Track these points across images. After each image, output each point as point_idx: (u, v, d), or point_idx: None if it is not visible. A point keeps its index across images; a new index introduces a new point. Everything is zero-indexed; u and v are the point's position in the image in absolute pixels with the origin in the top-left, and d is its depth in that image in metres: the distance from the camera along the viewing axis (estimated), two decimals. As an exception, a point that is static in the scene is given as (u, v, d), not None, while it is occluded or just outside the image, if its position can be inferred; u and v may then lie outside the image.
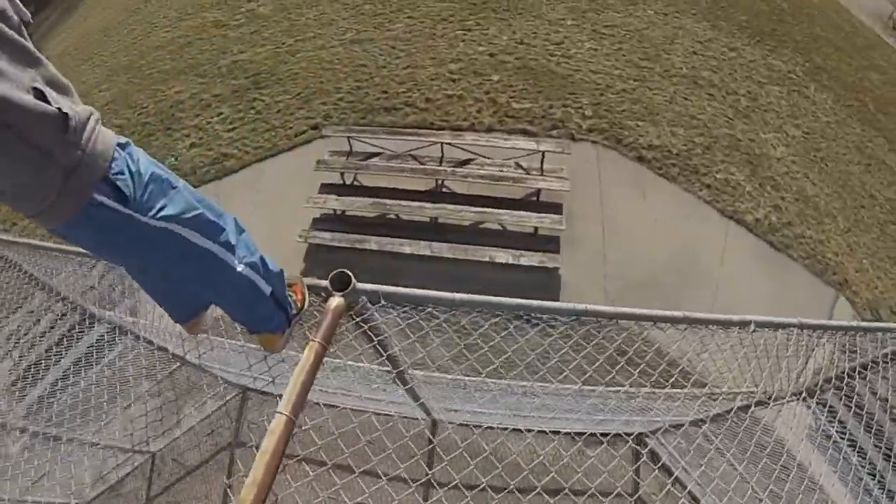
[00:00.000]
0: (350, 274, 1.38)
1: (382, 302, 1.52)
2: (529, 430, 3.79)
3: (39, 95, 0.95)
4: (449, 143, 5.25)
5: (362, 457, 2.04)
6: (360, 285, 1.42)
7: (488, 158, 5.29)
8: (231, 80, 6.96)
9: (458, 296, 1.50)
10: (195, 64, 7.55)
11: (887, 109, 8.36)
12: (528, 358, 2.54)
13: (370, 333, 1.80)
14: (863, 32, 10.00)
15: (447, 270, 5.09)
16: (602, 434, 3.60)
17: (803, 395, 2.35)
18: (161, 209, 1.12)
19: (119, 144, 1.09)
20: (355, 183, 5.50)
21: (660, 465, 3.57)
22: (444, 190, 5.36)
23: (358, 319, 1.67)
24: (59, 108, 0.96)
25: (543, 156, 5.21)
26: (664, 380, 2.55)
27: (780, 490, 2.24)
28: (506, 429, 3.73)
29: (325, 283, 1.43)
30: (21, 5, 1.00)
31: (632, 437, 3.92)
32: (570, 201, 5.33)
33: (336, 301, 1.35)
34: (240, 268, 1.30)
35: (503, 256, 4.93)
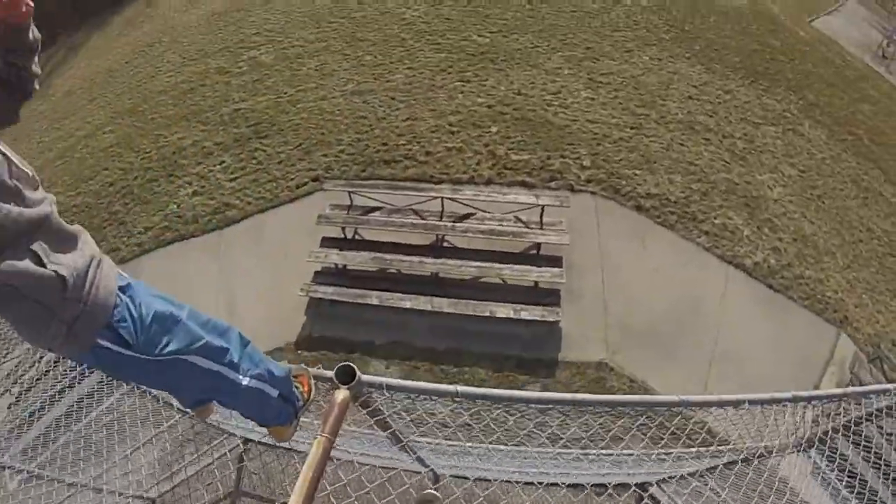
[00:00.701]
0: (354, 367, 1.41)
1: (387, 394, 1.55)
2: (517, 482, 3.80)
3: (37, 259, 0.99)
4: (449, 198, 5.31)
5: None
6: (365, 377, 1.45)
7: (488, 213, 5.35)
8: (233, 129, 7.06)
9: (460, 388, 1.52)
10: (198, 110, 7.66)
11: (880, 140, 8.45)
12: (545, 433, 2.54)
13: (378, 427, 1.81)
14: (853, 64, 10.17)
15: (448, 325, 5.11)
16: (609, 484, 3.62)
17: (802, 446, 2.38)
18: (165, 346, 1.17)
19: (121, 288, 1.14)
20: (356, 237, 5.55)
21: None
22: (444, 244, 5.40)
23: (364, 411, 1.69)
24: (56, 272, 1.00)
25: (543, 209, 5.27)
26: (665, 429, 2.56)
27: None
28: (508, 482, 3.74)
29: (330, 373, 1.46)
30: (23, 163, 1.05)
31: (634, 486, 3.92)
32: (570, 252, 5.36)
33: (342, 394, 1.38)
34: (245, 381, 1.35)
35: (504, 311, 4.95)
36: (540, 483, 3.80)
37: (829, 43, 10.44)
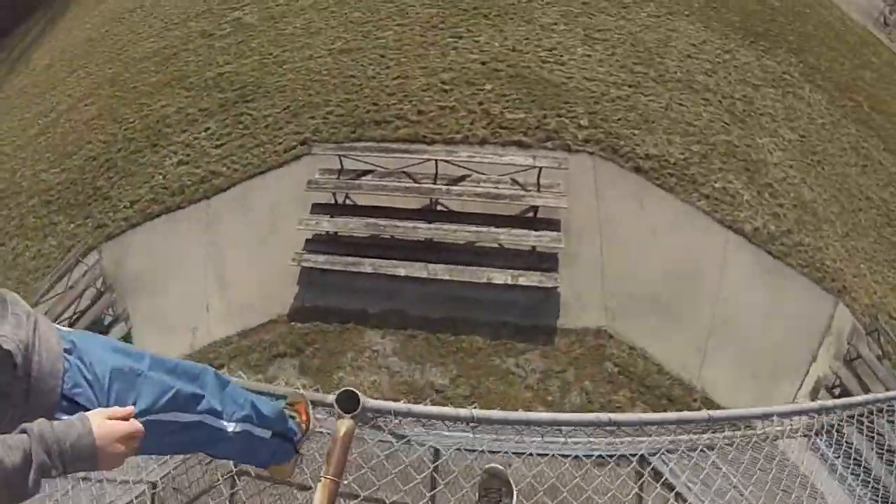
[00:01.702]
0: (358, 392, 1.25)
1: (395, 420, 1.39)
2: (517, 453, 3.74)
3: None
4: (444, 160, 5.13)
5: (366, 484, 1.97)
6: (370, 403, 1.28)
7: (484, 175, 5.18)
8: (217, 94, 6.78)
9: (476, 413, 1.39)
10: (181, 76, 7.36)
11: (881, 108, 8.29)
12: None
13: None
14: (854, 30, 9.92)
15: (444, 292, 4.98)
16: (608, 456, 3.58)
17: (814, 431, 2.32)
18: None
19: (66, 350, 0.96)
20: (347, 202, 5.37)
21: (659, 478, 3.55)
22: (438, 208, 5.24)
23: (374, 441, 1.57)
24: (0, 346, 0.82)
25: (540, 171, 5.10)
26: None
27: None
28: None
29: (330, 398, 1.30)
30: None
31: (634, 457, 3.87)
32: (568, 215, 5.23)
33: (345, 426, 1.20)
34: (230, 427, 1.19)
35: (501, 277, 4.83)
36: (542, 456, 3.75)
37: (830, 6, 10.15)
